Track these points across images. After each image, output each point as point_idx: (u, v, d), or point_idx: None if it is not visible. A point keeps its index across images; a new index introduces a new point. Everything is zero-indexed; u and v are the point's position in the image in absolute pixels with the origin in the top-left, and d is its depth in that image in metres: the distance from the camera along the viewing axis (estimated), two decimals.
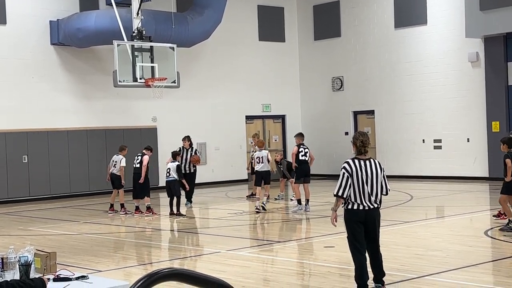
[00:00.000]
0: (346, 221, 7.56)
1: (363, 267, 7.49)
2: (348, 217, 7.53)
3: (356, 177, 7.41)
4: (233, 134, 24.78)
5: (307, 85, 26.38)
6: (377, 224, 7.58)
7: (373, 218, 7.50)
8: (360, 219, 7.46)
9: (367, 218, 7.47)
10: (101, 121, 21.70)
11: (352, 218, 7.48)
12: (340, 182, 7.45)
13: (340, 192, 7.44)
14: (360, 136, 7.63)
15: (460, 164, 22.15)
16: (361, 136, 7.63)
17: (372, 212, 7.48)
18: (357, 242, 7.50)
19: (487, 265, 9.37)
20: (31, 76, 20.48)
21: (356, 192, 7.40)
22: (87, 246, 11.91)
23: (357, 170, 7.43)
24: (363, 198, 7.41)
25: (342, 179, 7.44)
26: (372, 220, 7.49)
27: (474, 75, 21.73)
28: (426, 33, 22.76)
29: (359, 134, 7.68)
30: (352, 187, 7.40)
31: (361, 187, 7.40)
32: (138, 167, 16.18)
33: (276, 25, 26.04)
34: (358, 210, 7.44)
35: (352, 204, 7.46)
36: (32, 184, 20.32)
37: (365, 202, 7.42)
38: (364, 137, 7.60)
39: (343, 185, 7.42)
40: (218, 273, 8.71)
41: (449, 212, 15.47)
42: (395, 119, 23.75)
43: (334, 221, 7.69)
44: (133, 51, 16.94)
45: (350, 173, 7.42)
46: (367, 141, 7.60)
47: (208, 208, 17.84)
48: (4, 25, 20.07)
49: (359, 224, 7.47)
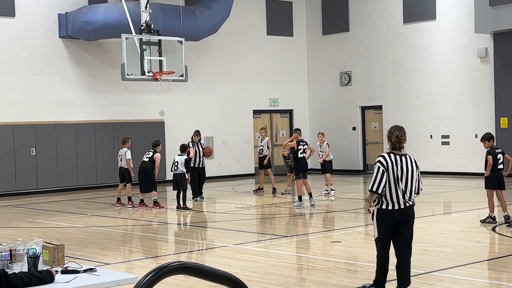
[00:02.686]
0: (379, 222, 7.12)
1: (386, 271, 7.23)
2: (382, 217, 7.09)
3: (392, 173, 6.98)
4: (241, 129, 24.77)
5: (315, 80, 26.33)
6: (411, 225, 7.15)
7: (409, 217, 7.08)
8: (394, 221, 7.04)
9: (402, 218, 7.03)
10: (108, 114, 21.73)
11: (386, 219, 7.06)
12: (375, 176, 7.01)
13: (375, 187, 6.99)
14: (396, 131, 7.15)
15: (468, 160, 22.08)
16: (396, 131, 7.15)
17: (407, 211, 7.05)
18: (385, 243, 7.12)
19: (494, 261, 9.36)
20: (40, 69, 20.52)
21: (392, 189, 6.98)
22: (94, 239, 11.94)
23: (392, 165, 7.00)
24: (398, 196, 6.99)
25: (377, 173, 7.00)
26: (408, 219, 7.07)
27: (483, 71, 21.64)
28: (435, 28, 22.67)
29: (395, 129, 7.19)
30: (388, 183, 6.98)
31: (396, 184, 6.98)
32: (146, 161, 16.09)
33: (284, 19, 25.99)
34: (393, 210, 7.00)
35: (387, 204, 7.02)
36: (40, 176, 20.38)
37: (400, 200, 7.00)
38: (400, 132, 7.13)
39: (378, 180, 6.98)
40: (225, 267, 8.72)
41: (457, 208, 15.45)
42: (403, 115, 23.68)
43: (369, 208, 7.31)
44: (141, 45, 16.96)
45: (385, 168, 6.99)
46: (403, 137, 7.13)
47: (215, 202, 17.85)
48: (13, 18, 20.10)
49: (391, 227, 7.06)
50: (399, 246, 7.15)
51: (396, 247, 7.17)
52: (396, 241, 7.15)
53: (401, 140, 7.12)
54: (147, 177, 16.00)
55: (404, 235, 7.11)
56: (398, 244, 7.15)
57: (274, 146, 24.24)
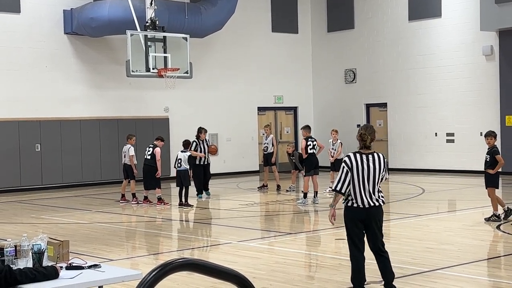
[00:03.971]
0: (346, 219, 7.10)
1: (360, 269, 7.09)
2: (347, 215, 7.07)
3: (356, 172, 6.93)
4: (245, 125, 24.77)
5: (320, 77, 26.31)
6: (379, 223, 7.06)
7: (374, 217, 6.99)
8: (359, 218, 6.97)
9: (368, 217, 6.97)
10: (113, 111, 21.75)
11: (351, 216, 7.01)
12: (339, 176, 7.02)
13: (339, 187, 6.99)
14: (361, 129, 7.13)
15: (473, 158, 22.02)
16: (361, 129, 7.12)
17: (373, 211, 6.98)
18: (355, 242, 7.03)
19: (499, 260, 9.34)
20: (44, 65, 20.54)
21: (356, 189, 6.93)
22: (99, 235, 11.96)
23: (357, 165, 6.95)
24: (364, 195, 6.92)
25: (342, 173, 7.00)
26: (373, 219, 6.99)
27: (488, 69, 21.59)
28: (440, 26, 22.62)
29: (361, 127, 7.19)
30: (352, 183, 6.94)
31: (361, 183, 6.92)
32: (149, 159, 16.11)
33: (289, 16, 25.96)
34: (358, 208, 6.95)
35: (352, 202, 6.98)
36: (45, 172, 20.42)
37: (365, 199, 6.93)
38: (365, 131, 7.06)
39: (342, 180, 6.97)
40: (229, 263, 8.72)
41: (461, 206, 15.43)
42: (407, 112, 23.65)
43: (332, 219, 7.24)
44: (146, 41, 16.96)
45: (349, 168, 6.96)
46: (367, 135, 7.02)
47: (220, 199, 17.86)
48: (18, 14, 20.13)
49: (358, 223, 6.99)
50: (369, 243, 7.11)
51: (369, 244, 7.13)
52: (367, 239, 7.12)
53: (364, 139, 7.03)
54: (151, 174, 16.01)
55: (372, 232, 7.05)
56: (369, 241, 7.12)
57: (278, 143, 24.24)
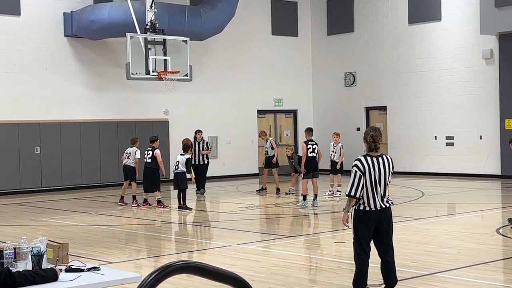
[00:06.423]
0: (356, 223, 7.00)
1: (364, 273, 7.05)
2: (359, 218, 6.97)
3: (369, 176, 6.88)
4: (245, 128, 24.78)
5: (320, 80, 26.32)
6: (391, 225, 7.08)
7: (387, 218, 7.00)
8: (372, 221, 6.93)
9: (380, 219, 6.95)
10: (113, 113, 21.75)
11: (363, 219, 6.93)
12: (353, 181, 6.90)
13: (353, 192, 6.88)
14: (371, 131, 7.06)
15: (473, 161, 22.05)
16: (371, 131, 7.06)
17: (385, 212, 6.98)
18: (363, 245, 6.98)
19: (498, 263, 9.33)
20: (44, 67, 20.55)
21: (369, 192, 6.87)
22: (98, 238, 11.95)
23: (369, 168, 6.90)
24: (376, 198, 6.89)
25: (355, 178, 6.90)
26: (386, 221, 7.00)
27: (488, 72, 21.60)
28: (440, 29, 22.63)
29: (370, 129, 7.13)
30: (365, 186, 6.88)
31: (374, 187, 6.88)
32: (149, 161, 16.10)
33: (289, 19, 25.98)
34: (370, 211, 6.90)
35: (364, 205, 6.92)
36: (44, 175, 20.41)
37: (378, 202, 6.90)
38: (375, 132, 7.03)
39: (356, 184, 6.87)
40: (228, 266, 8.72)
41: (461, 209, 15.42)
42: (407, 115, 23.66)
43: (346, 222, 7.08)
44: (146, 44, 16.98)
45: (362, 172, 6.89)
46: (378, 137, 7.01)
47: (219, 202, 17.85)
48: (18, 17, 20.13)
49: (370, 227, 6.95)
50: (380, 246, 7.09)
51: (378, 248, 7.12)
52: (377, 242, 7.09)
53: (376, 140, 7.00)
54: (152, 177, 15.99)
55: (383, 235, 7.04)
56: (379, 245, 7.10)
57: (278, 145, 24.22)
